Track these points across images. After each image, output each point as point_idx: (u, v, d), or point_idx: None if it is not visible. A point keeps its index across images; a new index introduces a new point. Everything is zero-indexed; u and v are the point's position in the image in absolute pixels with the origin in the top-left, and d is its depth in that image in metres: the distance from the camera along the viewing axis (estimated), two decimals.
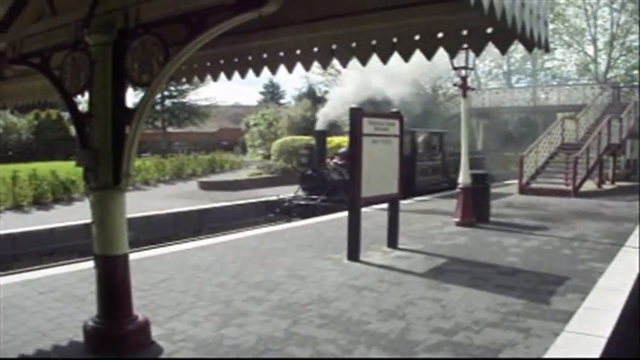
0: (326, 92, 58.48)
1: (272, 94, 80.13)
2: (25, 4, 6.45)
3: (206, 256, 9.89)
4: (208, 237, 13.25)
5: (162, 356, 5.48)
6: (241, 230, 14.29)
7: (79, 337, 5.86)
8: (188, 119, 65.78)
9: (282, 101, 75.40)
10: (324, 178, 18.69)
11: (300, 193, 19.05)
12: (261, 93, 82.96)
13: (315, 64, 5.16)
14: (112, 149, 5.21)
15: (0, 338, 6.02)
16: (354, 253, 9.55)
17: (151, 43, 4.89)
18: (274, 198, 20.41)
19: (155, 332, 5.97)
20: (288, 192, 20.99)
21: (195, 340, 5.91)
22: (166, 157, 30.11)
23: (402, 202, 12.81)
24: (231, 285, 8.10)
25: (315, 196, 18.37)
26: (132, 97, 5.51)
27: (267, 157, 39.41)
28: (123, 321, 5.64)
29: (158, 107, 60.71)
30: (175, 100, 65.45)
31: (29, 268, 10.68)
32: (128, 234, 5.64)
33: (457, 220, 13.22)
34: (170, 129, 66.31)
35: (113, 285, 5.56)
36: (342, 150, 20.83)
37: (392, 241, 10.59)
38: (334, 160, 20.18)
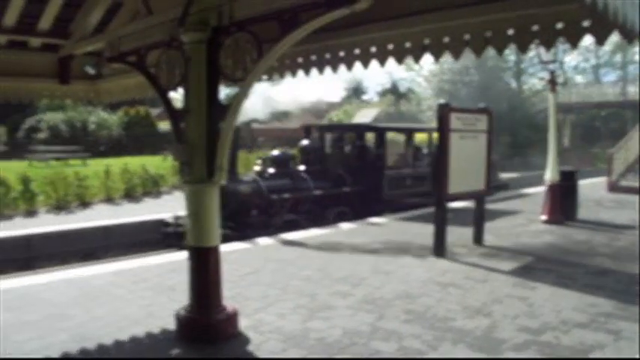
0: (409, 88, 58.40)
1: (355, 90, 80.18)
2: (120, 6, 6.84)
3: (290, 250, 10.18)
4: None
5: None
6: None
7: (171, 325, 6.16)
8: (271, 115, 66.51)
9: (364, 97, 75.51)
10: (227, 194, 12.51)
11: None
12: (345, 89, 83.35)
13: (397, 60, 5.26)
14: (206, 144, 5.44)
15: (97, 324, 6.43)
16: (439, 249, 9.57)
17: (244, 41, 5.07)
18: (169, 217, 13.61)
19: (243, 323, 6.20)
20: None
21: (282, 331, 6.10)
22: (251, 152, 30.61)
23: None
24: (316, 278, 8.32)
25: None
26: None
27: None
28: (213, 311, 5.90)
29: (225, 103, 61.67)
30: None
31: (120, 258, 11.17)
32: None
33: (544, 217, 12.95)
34: (255, 125, 67.25)
35: (205, 276, 5.82)
36: (276, 153, 15.51)
37: (477, 238, 10.53)
38: (267, 170, 14.79)
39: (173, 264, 9.07)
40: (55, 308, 7.02)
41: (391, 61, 5.01)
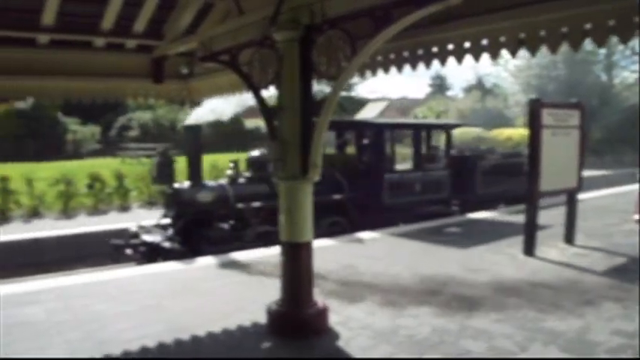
0: (495, 84, 57.34)
1: (439, 86, 79.54)
2: (211, 7, 7.10)
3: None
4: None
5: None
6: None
7: (261, 319, 6.39)
8: (356, 111, 66.52)
9: (449, 93, 74.78)
10: (180, 202, 11.56)
11: (164, 221, 11.85)
12: (429, 85, 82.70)
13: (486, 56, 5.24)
14: (300, 141, 5.61)
15: (190, 316, 6.72)
16: (529, 248, 9.48)
17: (337, 38, 5.17)
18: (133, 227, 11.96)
19: (333, 319, 6.35)
20: None
21: (372, 328, 6.21)
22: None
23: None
24: (405, 276, 8.38)
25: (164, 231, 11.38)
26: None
27: None
28: (305, 305, 6.07)
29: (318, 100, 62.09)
30: (344, 93, 66.56)
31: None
32: None
33: (637, 217, 12.56)
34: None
35: (297, 270, 5.99)
36: (254, 154, 13.13)
37: (569, 237, 10.35)
38: (242, 174, 12.91)
39: (263, 259, 9.47)
40: (151, 300, 7.40)
41: (485, 57, 5.01)
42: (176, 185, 11.67)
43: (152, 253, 10.55)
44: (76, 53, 7.80)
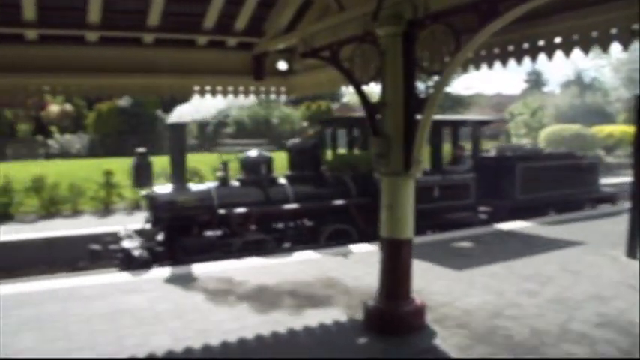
0: (594, 78, 55.21)
1: (535, 81, 77.49)
2: (311, 3, 7.24)
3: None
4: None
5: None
6: None
7: (358, 315, 6.50)
8: (452, 108, 65.78)
9: (545, 89, 72.73)
10: (159, 206, 10.66)
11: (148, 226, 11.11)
12: (525, 81, 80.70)
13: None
14: (403, 136, 5.64)
15: (287, 309, 6.89)
16: (632, 250, 9.14)
17: (440, 32, 5.18)
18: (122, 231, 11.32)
19: (429, 316, 6.36)
20: None
21: (468, 327, 6.19)
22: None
23: None
24: (502, 275, 8.29)
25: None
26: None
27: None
28: (402, 302, 6.10)
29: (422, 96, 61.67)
30: None
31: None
32: None
33: None
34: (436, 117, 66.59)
35: (397, 267, 6.03)
36: (250, 154, 11.96)
37: None
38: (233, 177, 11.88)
39: (355, 255, 9.61)
40: (248, 292, 7.63)
41: (595, 49, 4.91)
42: (156, 188, 10.95)
43: (127, 260, 9.96)
44: (178, 51, 8.13)
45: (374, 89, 6.30)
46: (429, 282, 7.90)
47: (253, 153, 11.87)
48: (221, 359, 5.56)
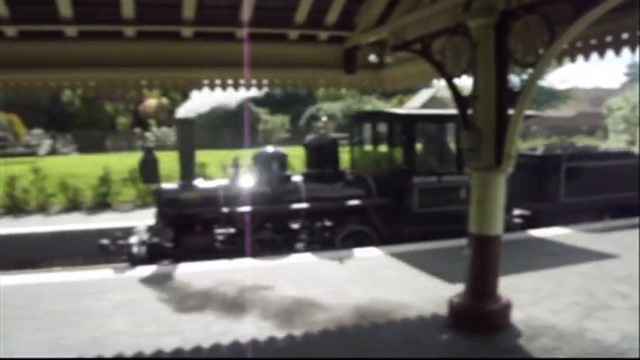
0: None
1: (636, 74, 74.22)
2: None
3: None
4: None
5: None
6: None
7: (442, 311, 6.46)
8: (547, 102, 64.04)
9: None
10: (164, 201, 10.50)
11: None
12: (625, 74, 77.52)
13: None
14: (494, 130, 5.54)
15: (371, 303, 6.93)
16: None
17: (534, 23, 5.03)
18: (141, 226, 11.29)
19: (515, 315, 6.22)
20: None
21: (555, 328, 6.02)
22: (525, 141, 29.86)
23: None
24: (595, 275, 8.01)
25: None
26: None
27: (632, 143, 36.65)
28: (488, 300, 6.01)
29: (515, 89, 60.32)
30: None
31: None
32: None
33: None
34: (529, 112, 65.08)
35: (485, 264, 5.95)
36: (266, 150, 11.49)
37: None
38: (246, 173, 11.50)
39: (439, 250, 9.58)
40: (332, 285, 7.70)
41: None
42: (163, 185, 10.80)
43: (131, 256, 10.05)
44: (270, 46, 8.27)
45: (466, 82, 6.19)
46: (516, 280, 7.72)
47: (268, 149, 11.42)
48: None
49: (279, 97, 40.36)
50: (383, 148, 12.49)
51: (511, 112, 5.42)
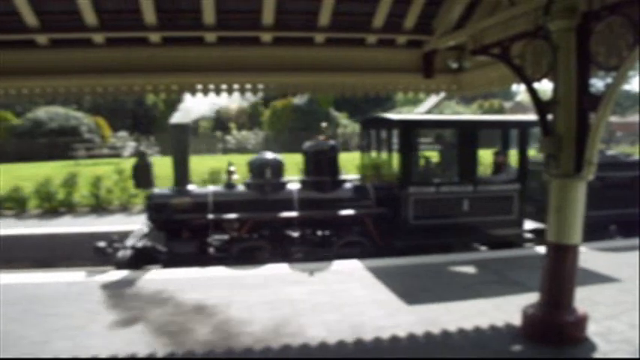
0: None
1: None
2: None
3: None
4: None
5: None
6: None
7: (516, 321, 6.35)
8: (632, 107, 61.73)
9: None
10: (153, 205, 10.61)
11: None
12: None
13: None
14: (575, 136, 5.42)
15: (445, 311, 6.88)
16: None
17: (618, 25, 4.88)
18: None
19: (591, 328, 6.06)
20: None
21: (634, 343, 5.84)
22: (610, 148, 28.85)
23: None
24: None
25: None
26: None
27: None
28: (564, 311, 5.88)
29: (597, 94, 58.33)
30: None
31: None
32: None
33: None
34: (613, 118, 63.24)
35: (561, 274, 5.82)
36: (265, 156, 11.27)
37: None
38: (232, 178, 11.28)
39: (520, 259, 9.33)
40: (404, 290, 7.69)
41: None
42: (156, 190, 10.95)
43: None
44: (348, 50, 8.34)
45: (547, 87, 6.08)
46: (593, 291, 7.49)
47: (266, 155, 11.20)
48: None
49: (358, 102, 40.45)
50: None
51: (593, 117, 5.30)
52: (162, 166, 13.90)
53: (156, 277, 8.71)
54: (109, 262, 10.11)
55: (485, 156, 13.81)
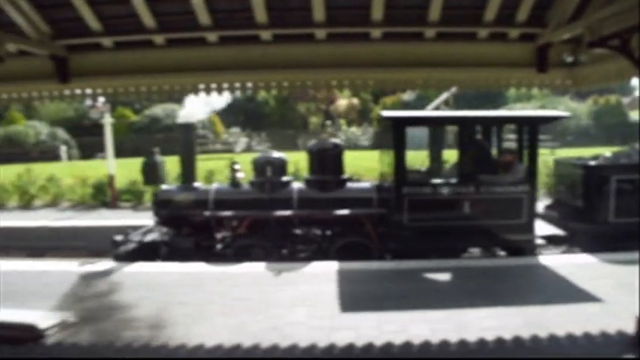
0: None
1: None
2: None
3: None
4: None
5: None
6: None
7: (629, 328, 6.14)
8: None
9: None
10: (159, 202, 11.43)
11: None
12: None
13: None
14: None
15: (551, 314, 6.78)
16: None
17: None
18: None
19: None
20: None
21: None
22: None
23: None
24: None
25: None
26: None
27: None
28: None
29: None
30: None
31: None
32: None
33: None
34: None
35: None
36: (271, 155, 11.57)
37: None
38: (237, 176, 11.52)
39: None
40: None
41: None
42: (163, 186, 11.61)
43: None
44: (459, 45, 8.26)
45: None
46: None
47: (270, 154, 11.55)
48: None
49: (470, 98, 39.80)
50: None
51: None
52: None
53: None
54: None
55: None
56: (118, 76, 8.26)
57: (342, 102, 45.57)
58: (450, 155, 12.23)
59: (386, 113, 11.38)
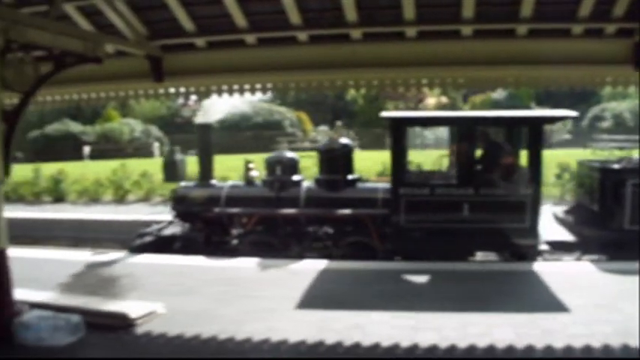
0: None
1: None
2: None
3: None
4: None
5: None
6: None
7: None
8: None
9: None
10: (175, 198, 11.99)
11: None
12: None
13: None
14: None
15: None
16: None
17: None
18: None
19: None
20: None
21: None
22: None
23: None
24: None
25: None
26: None
27: None
28: None
29: None
30: None
31: None
32: None
33: None
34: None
35: None
36: (283, 154, 11.90)
37: None
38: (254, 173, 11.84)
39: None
40: (602, 299, 7.28)
41: None
42: (182, 183, 12.29)
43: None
44: (552, 41, 8.10)
45: None
46: None
47: (282, 153, 11.87)
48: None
49: (562, 97, 38.67)
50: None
51: None
52: (364, 160, 14.33)
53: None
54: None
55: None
56: (210, 74, 8.56)
57: (431, 100, 45.24)
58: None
59: (385, 113, 11.84)
